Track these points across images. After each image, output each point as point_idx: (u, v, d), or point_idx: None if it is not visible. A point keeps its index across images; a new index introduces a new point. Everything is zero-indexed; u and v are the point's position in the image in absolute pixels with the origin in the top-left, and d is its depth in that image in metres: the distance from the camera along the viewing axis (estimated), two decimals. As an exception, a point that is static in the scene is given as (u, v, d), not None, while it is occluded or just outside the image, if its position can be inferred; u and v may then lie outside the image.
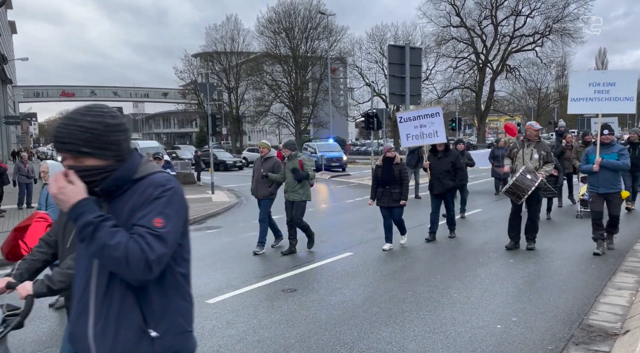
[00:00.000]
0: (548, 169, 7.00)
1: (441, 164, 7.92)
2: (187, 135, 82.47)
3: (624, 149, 6.77)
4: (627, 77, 7.04)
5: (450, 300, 5.10)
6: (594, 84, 7.06)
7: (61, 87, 64.90)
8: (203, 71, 56.14)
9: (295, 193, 7.36)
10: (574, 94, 7.26)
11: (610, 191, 6.61)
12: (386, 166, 7.41)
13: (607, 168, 6.55)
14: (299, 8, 46.29)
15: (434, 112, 8.28)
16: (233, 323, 4.67)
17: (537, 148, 6.98)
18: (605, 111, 7.17)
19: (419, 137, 8.27)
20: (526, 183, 6.64)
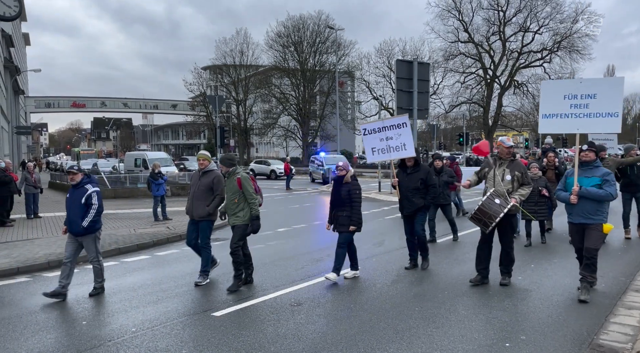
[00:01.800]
0: (524, 193, 6.00)
1: (410, 181, 6.91)
2: (195, 146, 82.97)
3: (609, 174, 5.48)
4: (611, 86, 5.70)
5: (458, 316, 5.05)
6: (569, 97, 5.78)
7: (72, 98, 65.81)
8: (212, 83, 56.78)
9: (235, 216, 6.29)
10: (545, 109, 5.99)
11: (587, 222, 5.48)
12: (336, 186, 6.66)
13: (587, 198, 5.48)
14: (308, 22, 46.94)
15: (400, 122, 7.23)
16: (239, 337, 4.65)
17: (510, 168, 6.05)
18: (584, 130, 5.84)
19: (385, 151, 7.30)
20: (493, 208, 5.77)
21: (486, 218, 5.83)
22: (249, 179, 6.31)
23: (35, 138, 75.33)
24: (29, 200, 13.46)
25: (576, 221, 5.55)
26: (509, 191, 5.98)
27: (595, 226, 5.46)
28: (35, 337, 4.74)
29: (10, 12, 18.24)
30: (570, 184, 5.64)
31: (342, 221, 6.48)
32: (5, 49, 34.32)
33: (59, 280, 6.06)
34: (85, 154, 50.05)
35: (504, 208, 5.77)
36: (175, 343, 4.53)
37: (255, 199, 6.29)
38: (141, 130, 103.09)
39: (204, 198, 6.57)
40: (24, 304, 5.90)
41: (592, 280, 5.59)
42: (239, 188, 6.22)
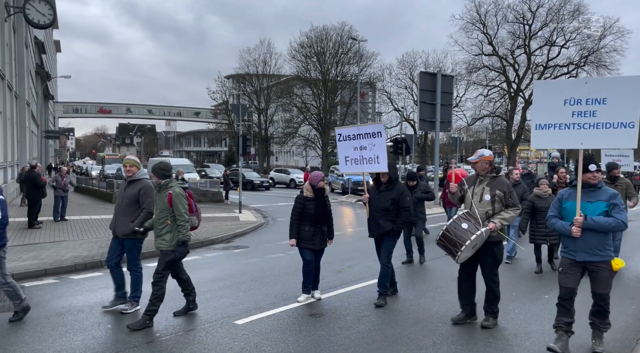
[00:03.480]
0: (507, 217, 4.96)
1: (380, 200, 6.05)
2: (216, 154, 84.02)
3: (617, 197, 4.39)
4: (626, 88, 4.35)
5: (483, 334, 4.95)
6: (571, 102, 4.49)
7: (99, 104, 67.55)
8: (235, 92, 57.52)
9: (160, 238, 5.28)
10: (539, 118, 4.66)
11: (594, 260, 4.33)
12: (320, 200, 6.12)
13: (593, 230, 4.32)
14: (331, 33, 47.25)
15: (374, 130, 6.35)
16: (261, 346, 4.66)
17: (490, 186, 5.03)
18: (590, 144, 4.51)
19: (358, 162, 6.49)
20: (458, 233, 4.86)
21: (451, 245, 4.92)
22: (182, 196, 5.22)
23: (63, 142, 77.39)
24: (57, 203, 13.80)
25: (580, 258, 4.38)
26: (489, 215, 5.01)
27: (602, 264, 4.33)
28: (63, 338, 4.83)
29: (44, 20, 18.92)
30: (569, 211, 4.47)
31: (325, 236, 6.22)
32: (37, 55, 35.52)
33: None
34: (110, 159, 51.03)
35: (472, 234, 4.79)
36: (199, 350, 4.56)
37: (185, 221, 5.18)
38: (164, 136, 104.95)
39: (128, 212, 5.61)
40: (51, 306, 6.03)
41: (606, 328, 4.53)
42: (169, 205, 5.18)
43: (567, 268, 4.46)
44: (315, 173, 6.24)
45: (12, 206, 17.73)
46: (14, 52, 21.49)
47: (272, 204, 21.07)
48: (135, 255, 5.81)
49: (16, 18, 21.36)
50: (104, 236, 11.11)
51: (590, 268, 4.39)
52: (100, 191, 22.77)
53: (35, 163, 15.08)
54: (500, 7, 40.02)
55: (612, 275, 4.40)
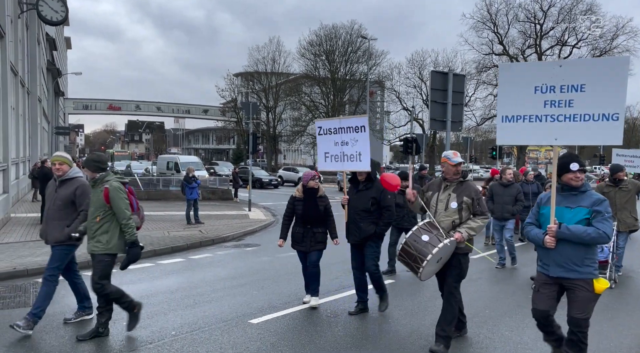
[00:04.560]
0: (474, 227, 4.41)
1: (359, 200, 5.54)
2: (224, 151, 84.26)
3: (603, 203, 3.68)
4: (608, 72, 3.63)
5: (502, 338, 4.89)
6: (543, 89, 3.81)
7: (109, 100, 67.93)
8: (243, 89, 57.59)
9: (95, 240, 4.62)
10: (505, 109, 4.02)
11: (571, 277, 3.66)
12: (309, 200, 5.80)
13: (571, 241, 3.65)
14: (340, 32, 47.17)
15: (358, 124, 5.76)
16: (278, 346, 4.63)
17: (457, 192, 4.49)
18: (566, 140, 3.85)
19: (338, 159, 5.92)
20: (419, 247, 4.31)
21: (412, 260, 4.35)
22: (121, 191, 4.60)
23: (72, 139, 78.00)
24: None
25: (553, 274, 3.71)
26: (455, 224, 4.47)
27: (582, 284, 3.63)
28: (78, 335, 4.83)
29: (57, 17, 19.02)
30: (546, 217, 3.82)
31: (320, 238, 5.83)
32: (48, 52, 35.78)
33: None
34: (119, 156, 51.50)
35: (434, 247, 4.23)
36: (215, 349, 4.54)
37: (128, 218, 4.58)
38: (173, 134, 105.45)
39: (61, 215, 4.90)
40: (65, 301, 6.03)
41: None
42: (105, 201, 4.55)
43: (540, 286, 3.81)
44: (306, 172, 5.98)
45: (24, 202, 17.87)
46: (26, 49, 21.64)
47: (281, 202, 21.06)
48: (59, 265, 4.99)
49: (29, 15, 21.49)
50: (115, 233, 11.13)
51: (566, 286, 3.70)
52: (110, 188, 22.88)
53: (45, 159, 15.18)
54: (512, 6, 39.70)
55: (593, 297, 3.64)
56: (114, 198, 4.56)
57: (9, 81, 15.32)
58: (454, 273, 4.53)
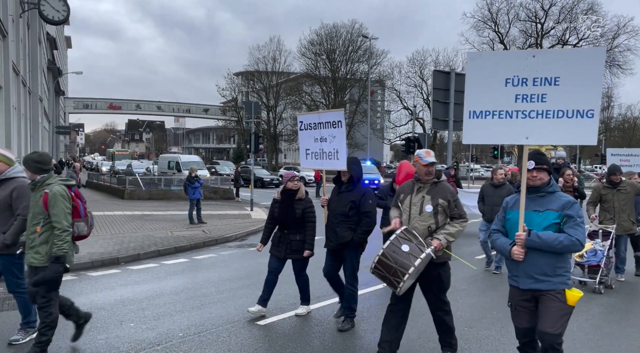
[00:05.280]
0: (453, 232, 4.03)
1: (339, 202, 5.09)
2: (225, 151, 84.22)
3: (573, 206, 3.33)
4: (584, 64, 3.33)
5: (512, 340, 4.84)
6: (515, 82, 3.48)
7: (109, 100, 67.91)
8: (244, 89, 57.54)
9: (34, 251, 4.08)
10: (473, 103, 3.66)
11: (542, 288, 3.31)
12: (286, 203, 5.33)
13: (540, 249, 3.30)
14: (341, 31, 47.15)
15: (334, 119, 5.36)
16: (286, 348, 4.60)
17: (431, 194, 4.10)
18: (538, 139, 3.50)
19: (318, 156, 5.57)
20: (399, 259, 3.82)
21: (391, 274, 3.87)
22: (63, 197, 4.07)
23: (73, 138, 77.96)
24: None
25: (524, 286, 3.37)
26: (431, 230, 4.07)
27: (554, 295, 3.28)
28: (86, 337, 4.80)
29: (59, 17, 18.98)
30: (512, 223, 3.47)
31: (297, 247, 5.30)
32: (49, 51, 35.72)
33: None
34: (120, 155, 51.45)
35: (416, 258, 3.79)
36: (223, 351, 4.52)
37: (63, 230, 4.02)
38: (173, 133, 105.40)
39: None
40: (71, 303, 6.01)
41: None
42: (44, 208, 4.04)
43: (516, 302, 3.45)
44: (286, 172, 5.57)
45: (25, 202, 17.84)
46: (27, 49, 21.59)
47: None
48: (17, 274, 4.56)
49: (30, 14, 21.44)
50: (118, 233, 11.12)
51: (537, 297, 3.36)
52: (112, 187, 22.88)
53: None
54: (512, 5, 39.72)
55: (566, 309, 3.26)
56: (53, 205, 4.01)
57: (11, 81, 15.28)
58: (436, 289, 4.14)
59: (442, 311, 4.24)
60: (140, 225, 12.50)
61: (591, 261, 6.75)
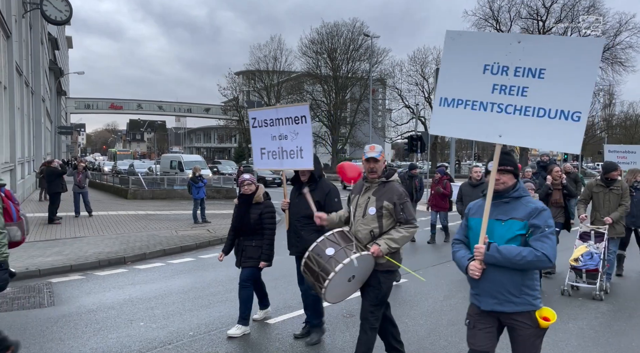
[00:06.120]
0: (396, 238, 3.63)
1: (301, 204, 4.64)
2: (226, 150, 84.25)
3: (542, 213, 2.85)
4: (576, 56, 2.78)
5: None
6: (494, 69, 3.00)
7: (110, 100, 67.96)
8: (245, 88, 57.58)
9: None
10: (446, 89, 3.19)
11: (507, 311, 2.88)
12: (241, 208, 5.00)
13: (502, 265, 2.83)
14: (342, 30, 47.15)
15: (298, 114, 4.81)
16: (296, 347, 4.61)
17: (377, 195, 3.74)
18: (512, 140, 2.98)
19: (277, 155, 5.03)
20: (321, 262, 3.55)
21: (314, 278, 3.59)
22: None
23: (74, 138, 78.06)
24: (76, 199, 13.91)
25: (485, 307, 2.92)
26: (374, 234, 3.68)
27: (522, 319, 2.85)
28: (97, 336, 4.82)
29: (61, 17, 19.03)
30: (474, 232, 3.00)
31: (250, 253, 4.94)
32: (50, 51, 35.75)
33: None
34: (122, 155, 51.49)
35: (339, 263, 3.46)
36: (234, 349, 4.53)
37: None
38: (174, 133, 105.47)
39: None
40: (81, 302, 6.03)
41: None
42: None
43: (475, 321, 3.00)
44: (242, 176, 5.16)
45: (29, 201, 17.87)
46: (30, 49, 21.61)
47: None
48: None
49: (32, 14, 21.46)
50: (123, 233, 11.15)
51: (504, 321, 2.93)
52: (115, 187, 22.90)
53: (51, 159, 15.21)
54: (514, 3, 39.66)
55: (538, 333, 2.86)
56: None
57: (15, 81, 15.30)
58: (371, 295, 3.74)
59: (367, 321, 3.76)
60: (145, 225, 12.52)
61: (588, 265, 6.23)
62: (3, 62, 13.34)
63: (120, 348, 4.54)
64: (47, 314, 5.52)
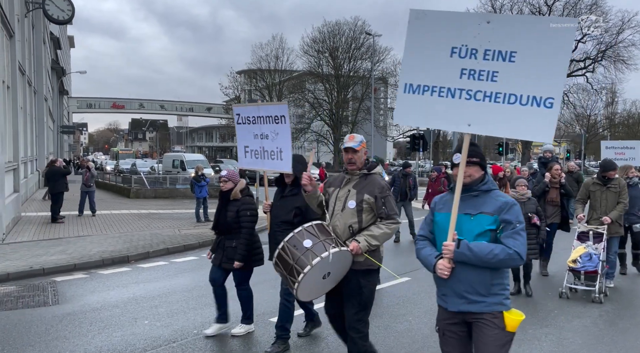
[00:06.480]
0: (377, 234, 3.46)
1: (282, 208, 4.42)
2: (228, 149, 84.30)
3: (512, 209, 2.70)
4: (548, 39, 2.62)
5: (527, 336, 4.86)
6: (462, 52, 2.79)
7: (112, 99, 68.01)
8: (247, 87, 57.60)
9: None
10: (410, 74, 2.95)
11: (474, 310, 2.69)
12: (221, 205, 4.86)
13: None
14: (344, 28, 47.11)
15: (277, 113, 4.59)
16: (300, 345, 4.62)
17: (357, 188, 3.56)
18: (482, 129, 2.83)
19: (258, 155, 4.80)
20: (297, 254, 3.34)
21: (287, 271, 3.38)
22: None
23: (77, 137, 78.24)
24: (83, 198, 13.96)
25: (452, 307, 2.74)
26: (353, 230, 3.50)
27: (490, 319, 2.66)
28: (102, 334, 4.84)
29: (63, 16, 19.05)
30: (440, 227, 2.80)
31: (231, 254, 4.71)
32: (52, 51, 35.80)
33: None
34: (124, 154, 51.64)
35: (316, 256, 3.25)
36: (239, 347, 4.54)
37: None
38: (176, 132, 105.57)
39: None
40: (85, 301, 6.05)
41: None
42: None
43: (445, 326, 2.80)
44: (222, 172, 4.97)
45: (33, 201, 17.92)
46: (32, 48, 21.64)
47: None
48: None
49: (34, 14, 21.48)
50: (126, 232, 11.17)
51: (470, 321, 2.72)
52: (117, 186, 22.94)
53: (55, 158, 15.27)
54: (516, 0, 39.55)
55: (506, 337, 2.65)
56: None
57: (18, 81, 15.33)
58: (354, 303, 3.51)
59: (355, 331, 3.55)
60: (148, 224, 12.54)
61: (587, 267, 5.99)
62: (6, 61, 13.35)
63: (125, 346, 4.55)
64: (52, 312, 5.54)
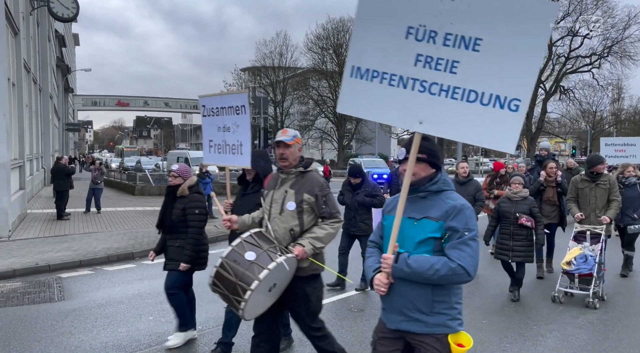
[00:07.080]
0: (322, 235, 3.25)
1: (243, 206, 4.03)
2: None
3: (461, 213, 2.31)
4: (525, 23, 2.08)
5: (531, 332, 4.85)
6: (420, 34, 2.29)
7: (117, 96, 68.20)
8: (251, 84, 57.62)
9: None
10: (358, 58, 2.50)
11: (414, 330, 2.35)
12: (167, 202, 4.49)
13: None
14: (348, 25, 46.91)
15: (237, 103, 4.17)
16: (306, 341, 4.60)
17: (295, 187, 3.30)
18: (435, 130, 2.30)
19: (221, 149, 4.35)
20: (239, 271, 2.97)
21: (230, 291, 2.99)
22: None
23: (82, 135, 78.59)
24: (89, 195, 14.03)
25: (391, 324, 2.43)
26: (294, 233, 3.25)
27: (431, 343, 2.32)
28: (107, 330, 4.87)
29: (68, 14, 19.10)
30: (388, 232, 2.41)
31: (172, 254, 4.36)
32: (57, 48, 35.94)
33: None
34: (129, 152, 51.78)
35: (263, 269, 2.94)
36: (244, 343, 4.55)
37: None
38: (180, 129, 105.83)
39: None
40: (90, 297, 6.08)
41: None
42: None
43: (379, 340, 2.50)
44: (172, 168, 4.55)
45: (38, 198, 18.04)
46: (37, 46, 21.73)
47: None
48: None
49: (39, 11, 21.56)
50: (131, 228, 11.21)
51: (411, 341, 2.39)
52: (122, 183, 23.04)
53: (61, 156, 15.37)
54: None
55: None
56: None
57: (23, 78, 15.40)
58: (302, 311, 3.33)
59: (314, 337, 3.44)
60: (152, 220, 12.56)
61: (582, 269, 5.65)
62: (11, 59, 13.42)
63: (130, 341, 4.57)
64: (58, 308, 5.57)
